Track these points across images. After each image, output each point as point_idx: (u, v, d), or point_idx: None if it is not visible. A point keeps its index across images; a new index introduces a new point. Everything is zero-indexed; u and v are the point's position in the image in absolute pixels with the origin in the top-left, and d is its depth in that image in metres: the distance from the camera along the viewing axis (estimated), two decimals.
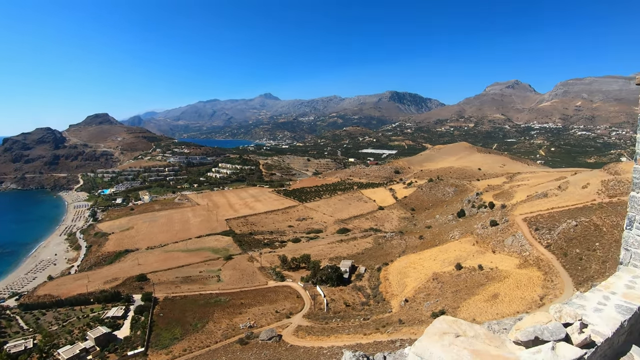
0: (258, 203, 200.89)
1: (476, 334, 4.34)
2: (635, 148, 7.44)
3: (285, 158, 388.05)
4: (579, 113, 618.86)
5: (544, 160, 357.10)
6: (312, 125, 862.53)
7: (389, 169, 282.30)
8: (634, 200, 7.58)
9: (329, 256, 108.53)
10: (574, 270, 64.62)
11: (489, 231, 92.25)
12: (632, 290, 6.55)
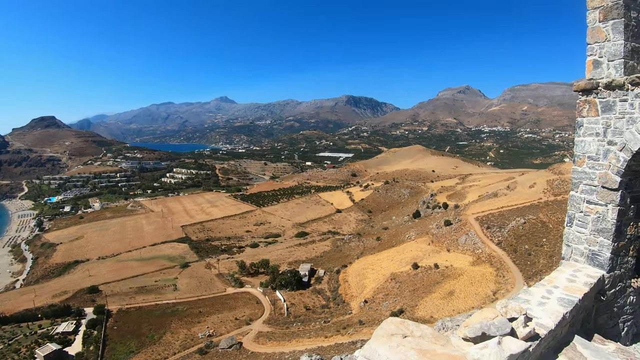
0: (215, 208, 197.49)
1: (423, 333, 4.56)
2: (574, 150, 8.11)
3: (242, 162, 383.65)
4: (525, 117, 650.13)
5: (494, 162, 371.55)
6: (269, 129, 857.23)
7: (346, 172, 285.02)
8: (573, 199, 8.26)
9: (288, 260, 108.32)
10: (523, 265, 67.73)
11: (443, 231, 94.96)
12: (573, 283, 7.15)
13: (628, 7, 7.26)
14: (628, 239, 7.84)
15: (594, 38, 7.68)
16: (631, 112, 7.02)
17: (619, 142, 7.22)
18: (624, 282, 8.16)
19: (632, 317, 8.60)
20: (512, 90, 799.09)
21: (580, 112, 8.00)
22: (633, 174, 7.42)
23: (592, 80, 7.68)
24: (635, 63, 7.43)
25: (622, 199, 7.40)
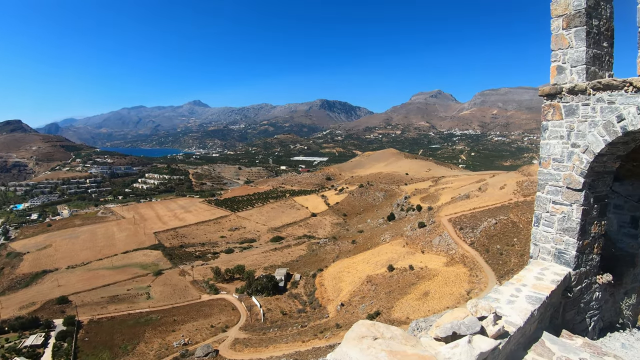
0: (188, 214, 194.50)
1: (393, 335, 4.64)
2: (540, 153, 8.42)
3: (215, 167, 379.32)
4: (495, 121, 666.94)
5: (466, 164, 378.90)
6: (243, 133, 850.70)
7: (321, 175, 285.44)
8: (539, 199, 8.58)
9: (264, 265, 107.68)
10: (495, 265, 69.27)
11: (417, 232, 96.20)
12: (540, 281, 7.42)
13: (590, 15, 7.60)
14: (592, 237, 8.19)
15: (557, 45, 8.00)
16: (593, 116, 7.36)
17: (582, 145, 7.55)
18: (590, 278, 8.50)
19: (598, 312, 8.96)
20: (483, 95, 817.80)
21: (545, 116, 8.33)
22: (596, 175, 7.77)
23: (556, 85, 8.01)
24: (596, 69, 7.79)
25: (585, 199, 7.73)
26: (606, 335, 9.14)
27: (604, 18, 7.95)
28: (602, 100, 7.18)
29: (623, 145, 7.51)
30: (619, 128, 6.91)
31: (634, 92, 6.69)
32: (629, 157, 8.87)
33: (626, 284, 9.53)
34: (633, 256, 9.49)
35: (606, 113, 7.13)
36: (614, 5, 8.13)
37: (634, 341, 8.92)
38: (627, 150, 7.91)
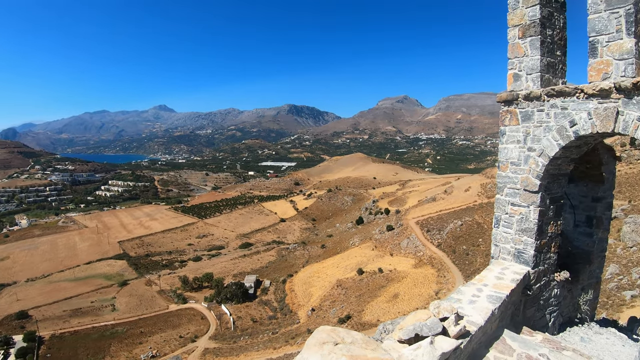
0: (154, 222, 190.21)
1: (354, 339, 4.69)
2: (498, 157, 8.77)
3: (182, 173, 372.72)
4: (459, 125, 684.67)
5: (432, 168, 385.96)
6: (210, 138, 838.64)
7: (289, 181, 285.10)
8: (499, 202, 8.92)
9: (233, 272, 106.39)
10: (462, 265, 70.81)
11: (386, 236, 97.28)
12: (501, 280, 7.69)
13: (544, 25, 7.99)
14: (549, 237, 8.56)
15: (514, 53, 8.37)
16: (547, 121, 7.72)
17: (537, 149, 7.91)
18: (548, 276, 8.86)
19: (557, 308, 9.35)
20: (447, 100, 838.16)
21: (503, 122, 8.69)
22: (551, 177, 8.14)
23: (512, 92, 8.37)
24: (550, 76, 8.19)
25: (542, 201, 8.09)
26: (566, 330, 9.52)
27: (558, 28, 8.37)
28: (556, 106, 7.55)
29: (576, 148, 7.91)
30: (571, 133, 7.28)
31: (585, 99, 7.07)
32: (582, 159, 9.33)
33: (583, 280, 9.98)
34: (589, 254, 9.96)
35: (559, 118, 7.50)
36: (567, 17, 8.58)
37: (592, 334, 9.34)
38: (580, 153, 8.34)
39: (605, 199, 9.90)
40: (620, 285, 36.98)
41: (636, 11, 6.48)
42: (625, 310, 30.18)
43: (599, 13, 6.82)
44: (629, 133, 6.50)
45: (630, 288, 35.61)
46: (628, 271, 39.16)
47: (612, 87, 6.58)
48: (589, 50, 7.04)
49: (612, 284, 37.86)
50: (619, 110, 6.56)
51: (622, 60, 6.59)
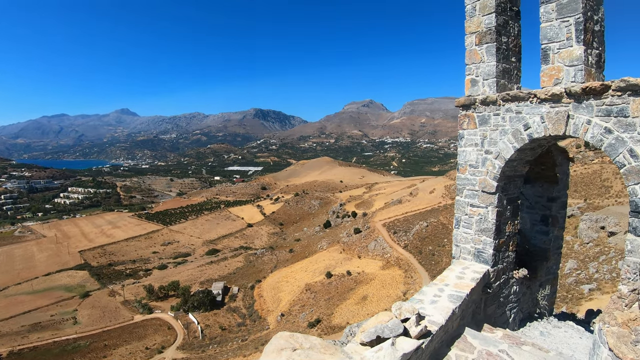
0: (117, 230, 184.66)
1: (312, 344, 4.71)
2: (458, 160, 9.03)
3: (145, 179, 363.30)
4: (423, 129, 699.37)
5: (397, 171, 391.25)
6: (175, 143, 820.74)
7: (256, 185, 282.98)
8: (458, 203, 9.18)
9: (200, 280, 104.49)
10: (429, 265, 72.04)
11: (353, 238, 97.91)
12: (462, 280, 7.91)
13: (499, 33, 8.32)
14: (507, 236, 8.88)
15: (471, 59, 8.66)
16: (503, 125, 8.03)
17: (494, 151, 8.21)
18: (507, 274, 9.18)
19: (517, 305, 9.69)
20: (412, 104, 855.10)
21: (462, 125, 8.97)
22: (507, 178, 8.46)
23: (470, 97, 8.67)
24: (506, 82, 8.52)
25: (499, 201, 8.39)
26: (526, 325, 9.88)
27: (512, 35, 8.73)
28: (511, 110, 7.87)
29: (530, 151, 8.25)
30: (525, 136, 7.60)
31: (538, 103, 7.39)
32: (537, 161, 9.73)
33: (541, 276, 10.39)
34: (545, 251, 10.39)
35: (514, 122, 7.81)
36: (521, 25, 8.96)
37: (550, 328, 9.73)
38: (535, 155, 8.69)
39: (559, 199, 10.36)
40: (579, 279, 38.56)
41: (585, 20, 6.85)
42: (583, 303, 31.49)
43: (551, 22, 7.18)
44: (579, 136, 6.84)
45: (588, 282, 37.20)
46: (585, 266, 40.87)
47: (563, 92, 6.92)
48: (542, 56, 7.39)
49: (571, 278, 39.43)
50: (570, 114, 6.90)
51: (572, 67, 6.96)
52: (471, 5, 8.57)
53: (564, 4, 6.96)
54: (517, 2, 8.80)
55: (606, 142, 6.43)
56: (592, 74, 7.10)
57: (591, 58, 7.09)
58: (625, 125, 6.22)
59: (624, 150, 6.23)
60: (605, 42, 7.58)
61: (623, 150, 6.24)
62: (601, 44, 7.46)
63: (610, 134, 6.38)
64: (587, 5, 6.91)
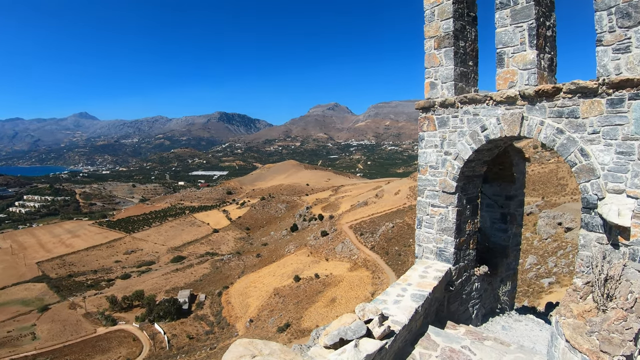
0: (77, 239, 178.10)
1: (272, 350, 4.72)
2: (418, 161, 9.23)
3: (106, 185, 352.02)
4: (388, 131, 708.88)
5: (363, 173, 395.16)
6: (137, 147, 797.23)
7: (221, 190, 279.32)
8: (420, 204, 9.38)
9: (165, 288, 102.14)
10: (395, 265, 73.07)
11: (320, 241, 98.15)
12: (424, 279, 8.08)
13: (457, 37, 8.57)
14: (468, 235, 9.14)
15: (430, 63, 8.89)
16: (461, 127, 8.27)
17: (453, 153, 8.44)
18: (469, 271, 9.44)
19: (479, 301, 9.97)
20: (376, 107, 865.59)
21: (422, 127, 9.17)
22: (466, 179, 8.71)
23: (429, 99, 8.88)
24: (463, 85, 8.78)
25: (459, 201, 8.63)
26: (489, 320, 10.19)
27: (470, 40, 9.01)
28: (469, 112, 8.11)
29: (488, 151, 8.52)
30: (482, 137, 7.85)
31: (494, 105, 7.65)
32: (495, 161, 10.07)
33: (501, 273, 10.73)
34: (505, 248, 10.74)
35: (472, 124, 8.06)
36: (478, 30, 9.27)
37: (512, 322, 10.07)
38: (492, 156, 8.98)
39: (517, 197, 10.75)
40: (539, 274, 40.06)
41: (537, 25, 7.16)
42: (544, 296, 32.74)
43: (506, 27, 7.47)
44: (533, 136, 7.13)
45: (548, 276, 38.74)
46: (545, 261, 42.50)
47: (517, 95, 7.20)
48: (497, 60, 7.67)
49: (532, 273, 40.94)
50: (524, 116, 7.19)
51: (525, 70, 7.25)
52: (430, 11, 8.81)
53: (518, 10, 7.26)
54: (474, 8, 9.10)
55: (558, 142, 6.73)
56: (545, 77, 7.42)
57: (544, 62, 7.41)
58: (576, 125, 6.53)
59: (575, 149, 6.53)
60: (557, 46, 7.95)
61: (574, 150, 6.55)
62: (553, 49, 7.81)
63: (562, 134, 6.68)
64: (539, 12, 7.22)
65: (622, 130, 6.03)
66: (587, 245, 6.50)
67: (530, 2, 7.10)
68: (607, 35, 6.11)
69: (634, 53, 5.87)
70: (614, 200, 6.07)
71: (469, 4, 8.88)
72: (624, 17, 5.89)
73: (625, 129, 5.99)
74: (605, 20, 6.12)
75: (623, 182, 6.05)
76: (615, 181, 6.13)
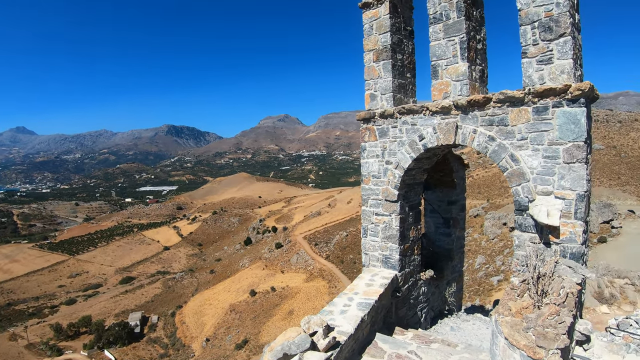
0: (15, 264, 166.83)
1: None
2: (361, 171, 9.44)
3: (47, 205, 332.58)
4: (338, 141, 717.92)
5: (315, 183, 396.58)
6: (80, 163, 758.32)
7: (171, 205, 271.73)
8: (365, 213, 9.57)
9: (115, 312, 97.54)
10: (351, 274, 73.61)
11: (275, 254, 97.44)
12: (370, 287, 8.21)
13: (394, 50, 8.88)
14: (412, 241, 9.41)
15: (369, 75, 9.14)
16: (400, 137, 8.54)
17: (394, 162, 8.69)
18: (415, 277, 9.69)
19: (427, 304, 10.24)
20: (326, 118, 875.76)
21: (363, 138, 9.38)
22: (408, 187, 8.98)
23: (370, 110, 9.13)
24: (402, 96, 9.09)
25: (401, 209, 8.87)
26: (437, 322, 10.47)
27: (407, 53, 9.35)
28: (407, 122, 8.39)
29: (427, 160, 8.84)
30: (421, 146, 8.14)
31: (430, 115, 7.97)
32: (435, 168, 10.44)
33: (447, 275, 11.10)
34: (449, 251, 11.14)
35: (410, 133, 8.34)
36: (415, 43, 9.64)
37: (460, 322, 10.40)
38: (431, 164, 9.32)
39: (458, 202, 11.19)
40: (488, 272, 41.67)
41: (469, 39, 7.56)
42: (494, 294, 34.07)
43: (439, 41, 7.84)
44: (467, 144, 7.47)
45: (496, 274, 40.40)
46: (493, 260, 44.28)
47: (451, 105, 7.54)
48: (432, 72, 8.03)
49: (481, 272, 42.53)
50: (458, 125, 7.53)
51: (458, 81, 7.63)
52: (369, 25, 9.08)
53: (450, 25, 7.64)
54: (410, 22, 9.47)
55: (490, 148, 7.09)
56: (477, 87, 7.83)
57: (475, 73, 7.82)
58: (506, 133, 6.92)
59: (506, 155, 6.91)
60: (487, 58, 8.41)
61: (505, 156, 6.92)
62: (484, 61, 8.27)
63: (494, 141, 7.05)
64: (469, 26, 7.64)
65: (547, 136, 6.47)
66: (521, 245, 6.85)
67: (461, 17, 7.51)
68: (532, 48, 6.57)
69: (556, 64, 6.35)
70: (543, 202, 6.46)
71: (405, 19, 9.23)
72: (546, 31, 6.37)
73: (550, 135, 6.43)
74: (529, 34, 6.59)
75: (551, 184, 6.47)
76: (544, 184, 6.54)
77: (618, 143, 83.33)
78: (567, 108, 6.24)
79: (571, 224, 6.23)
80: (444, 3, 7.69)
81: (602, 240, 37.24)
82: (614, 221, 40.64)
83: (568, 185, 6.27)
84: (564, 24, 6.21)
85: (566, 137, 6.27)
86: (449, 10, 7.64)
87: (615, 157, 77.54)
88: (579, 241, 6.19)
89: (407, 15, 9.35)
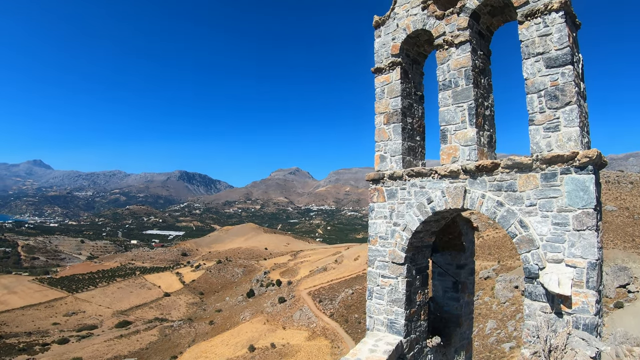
0: (12, 295, 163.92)
1: None
2: (369, 231, 9.39)
3: (53, 239, 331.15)
4: (348, 197, 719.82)
5: (322, 238, 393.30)
6: (90, 201, 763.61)
7: (176, 251, 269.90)
8: (370, 274, 9.42)
9: (107, 356, 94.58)
10: (355, 334, 71.23)
11: (278, 308, 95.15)
12: (374, 353, 7.91)
13: (405, 114, 9.12)
14: (418, 306, 9.16)
15: (380, 137, 9.35)
16: (409, 199, 8.57)
17: (401, 224, 8.67)
18: (421, 343, 9.35)
19: None
20: (337, 173, 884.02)
21: (372, 198, 9.43)
22: (415, 249, 8.89)
23: (379, 171, 9.26)
24: (411, 158, 9.22)
25: (408, 272, 8.73)
26: None
27: (417, 117, 9.59)
28: (416, 185, 8.45)
29: (435, 222, 8.80)
30: (429, 209, 8.14)
31: (439, 179, 8.03)
32: (444, 231, 10.36)
33: (455, 342, 10.68)
34: (458, 317, 10.78)
35: (419, 196, 8.38)
36: (424, 108, 9.91)
37: None
38: (440, 226, 9.26)
39: (467, 265, 10.99)
40: (499, 338, 39.91)
41: (477, 106, 7.76)
42: None
43: (448, 106, 8.06)
44: (475, 209, 7.46)
45: (508, 340, 38.64)
46: (504, 325, 42.58)
47: (459, 169, 7.62)
48: (441, 137, 8.19)
49: (492, 338, 40.76)
50: (467, 189, 7.56)
51: (467, 146, 7.74)
52: (380, 89, 9.40)
53: (458, 91, 7.88)
54: (420, 88, 9.78)
55: (499, 214, 7.06)
56: (485, 152, 7.92)
57: (483, 139, 7.95)
58: (514, 198, 6.92)
59: (515, 221, 6.87)
60: (495, 124, 8.57)
61: (514, 222, 6.88)
62: (492, 126, 8.43)
63: (502, 206, 7.04)
64: (477, 94, 7.86)
65: (556, 203, 6.46)
66: (532, 314, 6.67)
67: (470, 84, 7.76)
68: (538, 115, 6.73)
69: (563, 131, 6.47)
70: (554, 270, 6.34)
71: (416, 84, 9.55)
72: (553, 100, 6.56)
73: (559, 201, 6.43)
74: (535, 102, 6.78)
75: (561, 251, 6.38)
76: (554, 251, 6.45)
77: (630, 204, 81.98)
78: (576, 175, 6.28)
79: (583, 294, 6.10)
80: (453, 71, 7.98)
81: (619, 305, 35.80)
82: (631, 285, 39.18)
83: (579, 253, 6.19)
84: (569, 92, 6.38)
85: (575, 204, 6.26)
86: (458, 78, 7.91)
87: (629, 218, 76.06)
88: (591, 312, 6.01)
89: (418, 80, 9.68)
